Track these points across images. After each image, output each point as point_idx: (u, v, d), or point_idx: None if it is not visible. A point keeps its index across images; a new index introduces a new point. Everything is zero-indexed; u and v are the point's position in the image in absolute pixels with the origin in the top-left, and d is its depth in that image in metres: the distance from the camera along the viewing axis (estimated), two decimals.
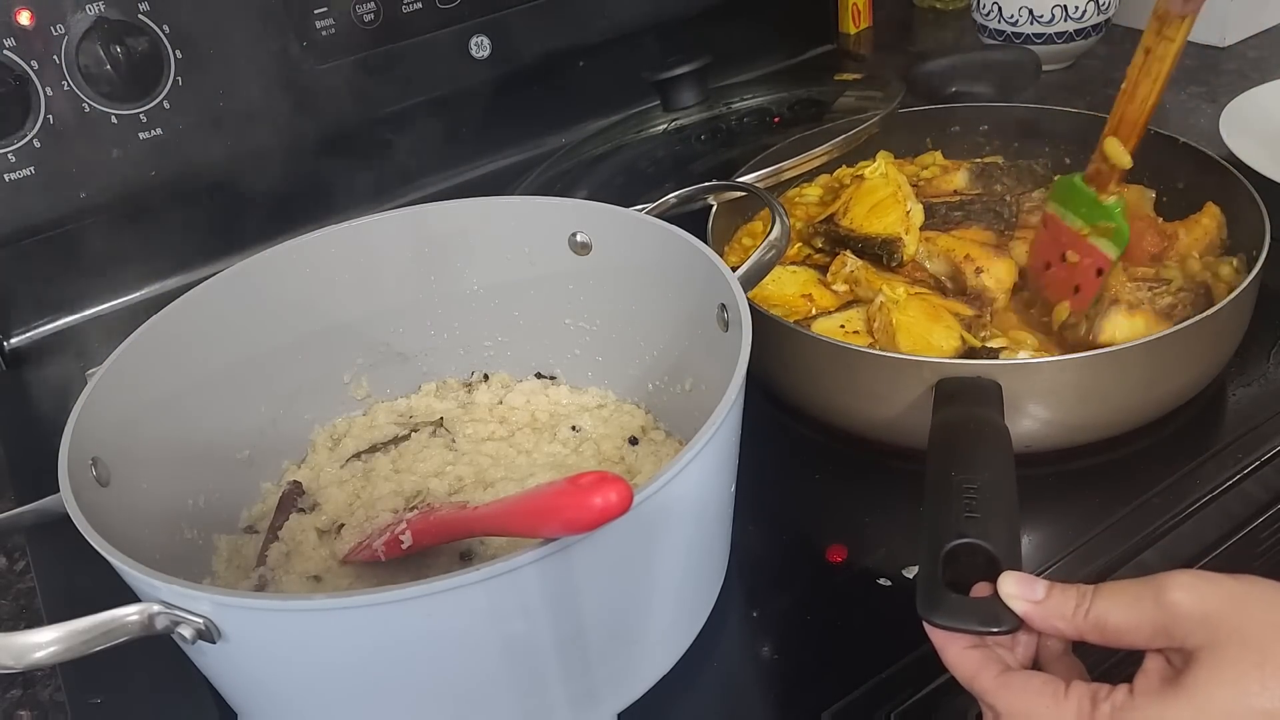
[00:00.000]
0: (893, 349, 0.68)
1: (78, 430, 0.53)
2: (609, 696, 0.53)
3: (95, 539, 0.46)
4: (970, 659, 0.45)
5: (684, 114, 0.98)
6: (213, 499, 0.64)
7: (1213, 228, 0.77)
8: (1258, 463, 0.65)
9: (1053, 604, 0.44)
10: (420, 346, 0.75)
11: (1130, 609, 0.42)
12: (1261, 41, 1.20)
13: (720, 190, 0.76)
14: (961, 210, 0.81)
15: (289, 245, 0.69)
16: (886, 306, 0.71)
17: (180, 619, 0.44)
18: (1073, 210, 0.73)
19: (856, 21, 1.33)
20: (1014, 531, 0.50)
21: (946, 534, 0.49)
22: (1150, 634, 0.42)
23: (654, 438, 0.70)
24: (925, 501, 0.52)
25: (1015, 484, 0.53)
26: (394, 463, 0.69)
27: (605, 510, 0.40)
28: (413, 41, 0.94)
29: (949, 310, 0.72)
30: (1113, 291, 0.70)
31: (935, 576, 0.48)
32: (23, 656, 0.42)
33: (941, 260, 0.76)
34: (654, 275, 0.66)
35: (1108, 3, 1.13)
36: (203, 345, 0.64)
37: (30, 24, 0.78)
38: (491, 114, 1.04)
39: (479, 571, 0.43)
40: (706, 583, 0.58)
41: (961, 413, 0.60)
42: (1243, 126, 0.94)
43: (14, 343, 0.90)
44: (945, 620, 0.46)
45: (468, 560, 0.60)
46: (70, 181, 0.83)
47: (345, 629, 0.44)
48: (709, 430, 0.48)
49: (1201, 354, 0.67)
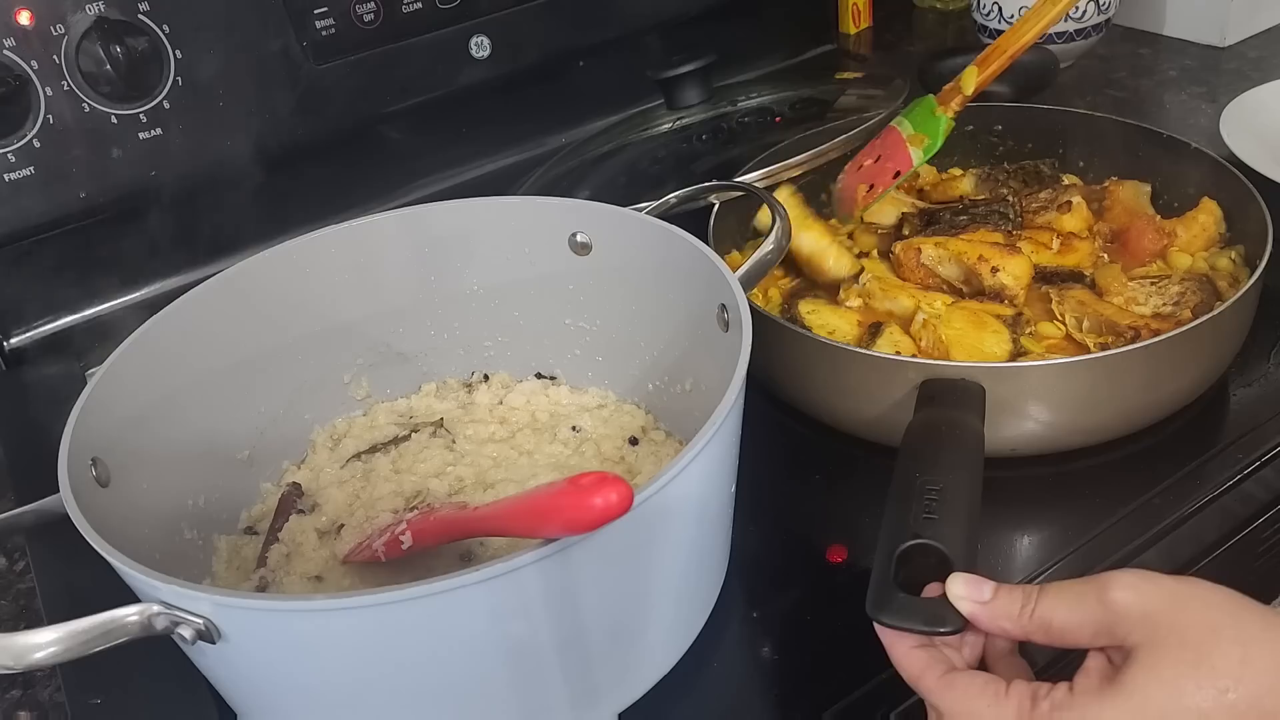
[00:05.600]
0: None
1: (78, 430, 0.53)
2: (609, 696, 0.53)
3: (95, 539, 0.46)
4: (916, 658, 0.46)
5: (687, 113, 0.98)
6: (213, 499, 0.64)
7: (1210, 224, 0.77)
8: (1258, 463, 0.65)
9: (999, 605, 0.45)
10: (420, 346, 0.75)
11: (1074, 608, 0.43)
12: (1261, 41, 1.20)
13: (721, 190, 0.76)
14: (966, 214, 0.81)
15: (289, 245, 0.69)
16: (931, 323, 0.70)
17: (180, 619, 0.44)
18: (910, 120, 0.79)
19: (857, 21, 1.33)
20: (970, 533, 0.51)
21: (902, 534, 0.50)
22: (1093, 633, 0.42)
23: (654, 438, 0.70)
24: (887, 501, 0.53)
25: (980, 487, 0.54)
26: (394, 463, 0.69)
27: (606, 510, 0.40)
28: (413, 41, 0.94)
29: (989, 314, 0.72)
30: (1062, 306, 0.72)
31: (887, 576, 0.49)
32: (23, 657, 0.42)
33: (953, 264, 0.76)
34: (654, 275, 0.66)
35: (1108, 3, 1.13)
36: (203, 345, 0.64)
37: (30, 24, 0.78)
38: (492, 114, 1.04)
39: (479, 572, 0.43)
40: (706, 583, 0.58)
41: (937, 414, 0.60)
42: (1243, 126, 0.94)
43: (14, 343, 0.90)
44: (892, 619, 0.47)
45: (467, 561, 0.60)
46: (70, 181, 0.83)
47: (345, 629, 0.44)
48: (709, 430, 0.48)
49: (1202, 357, 0.67)
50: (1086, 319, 0.70)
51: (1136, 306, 0.72)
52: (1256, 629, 0.40)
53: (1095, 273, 0.76)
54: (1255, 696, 0.39)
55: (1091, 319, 0.70)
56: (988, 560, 0.62)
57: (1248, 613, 0.41)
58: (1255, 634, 0.40)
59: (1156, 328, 0.67)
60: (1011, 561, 0.62)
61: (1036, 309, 0.74)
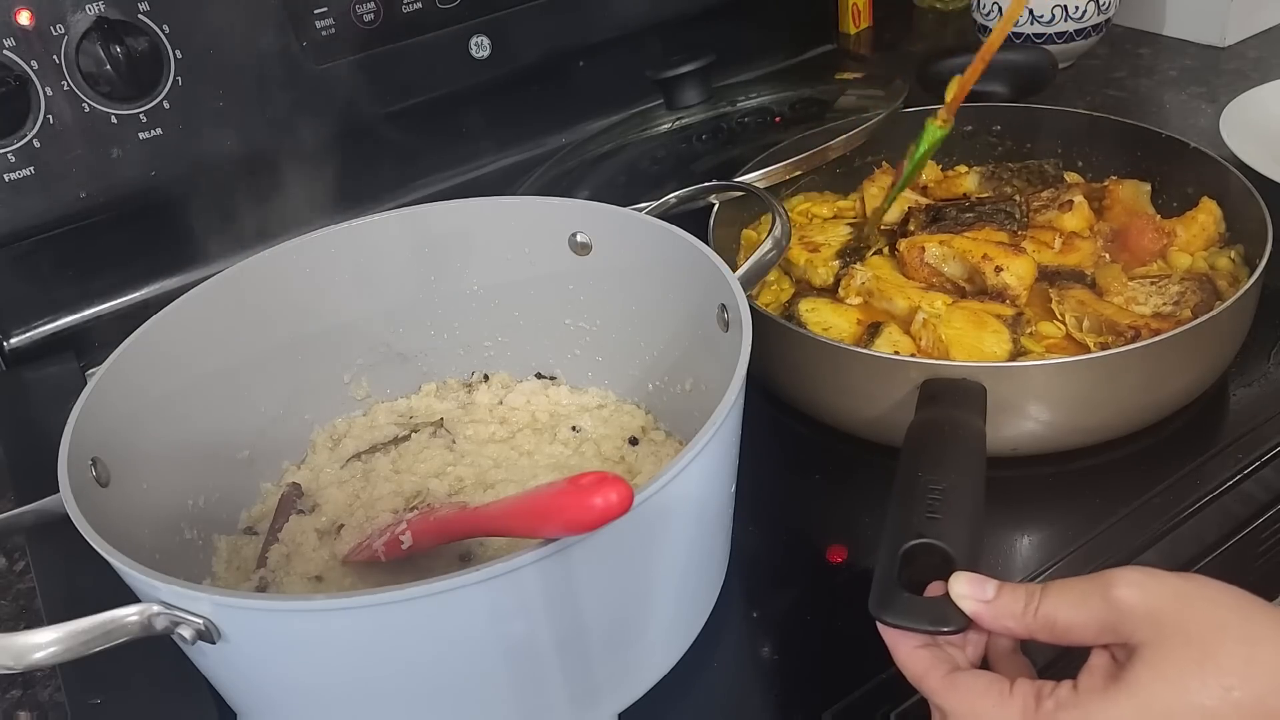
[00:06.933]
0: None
1: (78, 430, 0.53)
2: (609, 696, 0.53)
3: (95, 539, 0.46)
4: (920, 658, 0.46)
5: (687, 113, 0.98)
6: (213, 499, 0.64)
7: (1210, 224, 0.77)
8: (1258, 463, 0.65)
9: (1003, 604, 0.45)
10: (420, 346, 0.75)
11: (1078, 606, 0.43)
12: (1261, 41, 1.20)
13: (721, 190, 0.76)
14: (972, 212, 0.81)
15: (289, 245, 0.69)
16: (931, 322, 0.70)
17: (180, 619, 0.44)
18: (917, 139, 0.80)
19: (857, 21, 1.33)
20: (974, 533, 0.51)
21: (906, 533, 0.50)
22: (1097, 630, 0.42)
23: (654, 438, 0.70)
24: (890, 501, 0.53)
25: (983, 486, 0.54)
26: (394, 463, 0.69)
27: (606, 510, 0.40)
28: (413, 41, 0.94)
29: (989, 314, 0.72)
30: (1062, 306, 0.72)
31: (891, 575, 0.48)
32: (23, 657, 0.42)
33: (957, 263, 0.76)
34: (654, 275, 0.66)
35: (1108, 3, 1.13)
36: (203, 345, 0.64)
37: (30, 24, 0.78)
38: (492, 114, 1.04)
39: (479, 572, 0.43)
40: (706, 583, 0.58)
41: (939, 414, 0.60)
42: (1243, 126, 0.94)
43: (14, 343, 0.90)
44: (895, 619, 0.47)
45: (467, 561, 0.60)
46: (70, 181, 0.83)
47: (345, 629, 0.44)
48: (709, 430, 0.48)
49: (1202, 357, 0.67)
50: (1086, 319, 0.70)
51: (1136, 306, 0.72)
52: (1262, 627, 0.40)
53: (1095, 272, 0.76)
54: (1260, 695, 0.39)
55: (1091, 319, 0.70)
56: (989, 560, 0.62)
57: (1253, 610, 0.41)
58: (1261, 632, 0.40)
59: (1156, 327, 0.67)
60: (1012, 561, 0.62)
61: (1037, 309, 0.74)
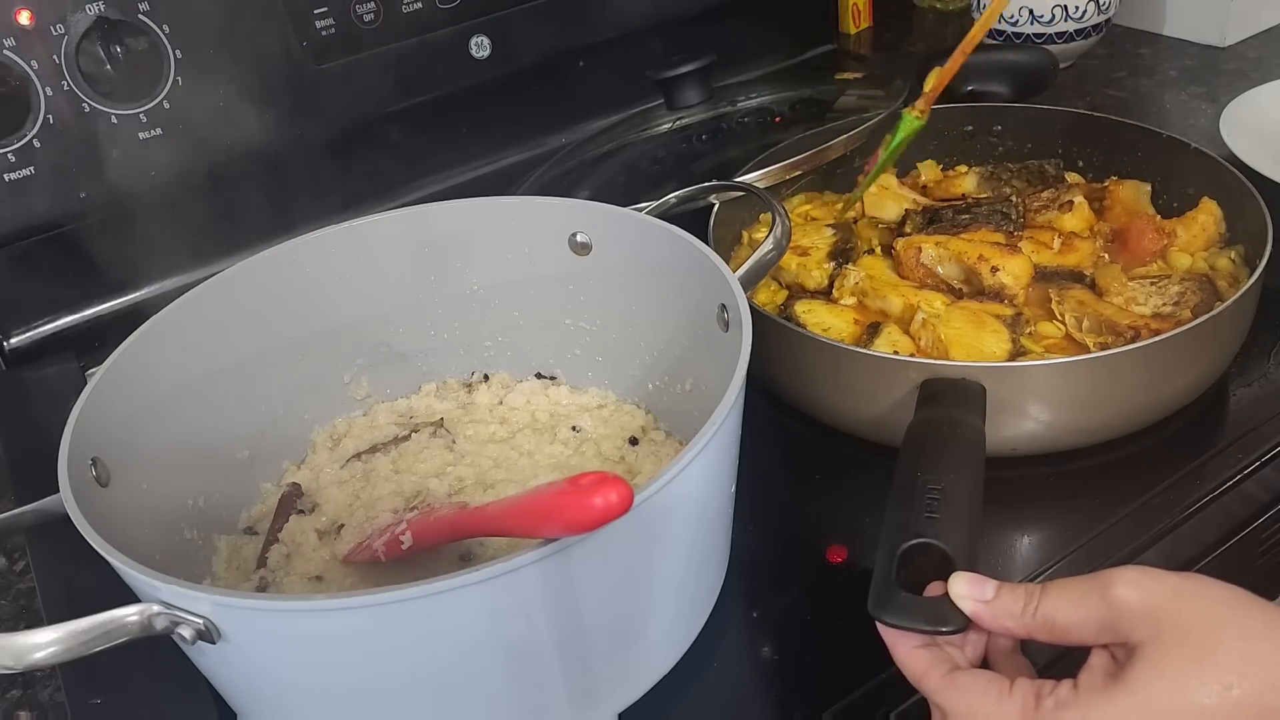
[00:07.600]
0: None
1: (78, 430, 0.53)
2: (609, 696, 0.53)
3: (95, 539, 0.46)
4: (919, 658, 0.46)
5: (687, 113, 0.98)
6: (213, 499, 0.64)
7: (1210, 224, 0.77)
8: (1258, 463, 0.65)
9: (1002, 603, 0.45)
10: (420, 346, 0.75)
11: (1077, 606, 0.43)
12: (1261, 41, 1.20)
13: (721, 190, 0.76)
14: (969, 213, 0.81)
15: (289, 245, 0.69)
16: (931, 322, 0.70)
17: (180, 619, 0.44)
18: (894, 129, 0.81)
19: (857, 21, 1.33)
20: (972, 533, 0.51)
21: (904, 534, 0.50)
22: (1097, 630, 0.42)
23: (654, 438, 0.70)
24: (889, 501, 0.53)
25: (981, 486, 0.54)
26: (394, 463, 0.69)
27: (606, 510, 0.40)
28: (413, 41, 0.94)
29: (988, 313, 0.72)
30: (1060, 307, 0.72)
31: (889, 575, 0.48)
32: (23, 657, 0.42)
33: (953, 264, 0.76)
34: (654, 275, 0.66)
35: (1108, 3, 1.13)
36: (203, 345, 0.64)
37: (30, 24, 0.78)
38: (492, 114, 1.04)
39: (479, 572, 0.42)
40: (706, 583, 0.58)
41: (939, 414, 0.60)
42: (1243, 126, 0.94)
43: (14, 343, 0.90)
44: (895, 619, 0.47)
45: (467, 561, 0.60)
46: (70, 181, 0.83)
47: (345, 629, 0.44)
48: (709, 430, 0.48)
49: (1202, 357, 0.67)
50: (1086, 319, 0.70)
51: (1136, 306, 0.72)
52: (1260, 625, 0.40)
53: (1095, 272, 0.76)
54: (1259, 693, 0.39)
55: (1091, 319, 0.70)
56: (989, 560, 0.62)
57: (1251, 609, 0.41)
58: (1259, 630, 0.40)
59: (1156, 328, 0.67)
60: (1012, 561, 0.62)
61: (1036, 309, 0.74)
